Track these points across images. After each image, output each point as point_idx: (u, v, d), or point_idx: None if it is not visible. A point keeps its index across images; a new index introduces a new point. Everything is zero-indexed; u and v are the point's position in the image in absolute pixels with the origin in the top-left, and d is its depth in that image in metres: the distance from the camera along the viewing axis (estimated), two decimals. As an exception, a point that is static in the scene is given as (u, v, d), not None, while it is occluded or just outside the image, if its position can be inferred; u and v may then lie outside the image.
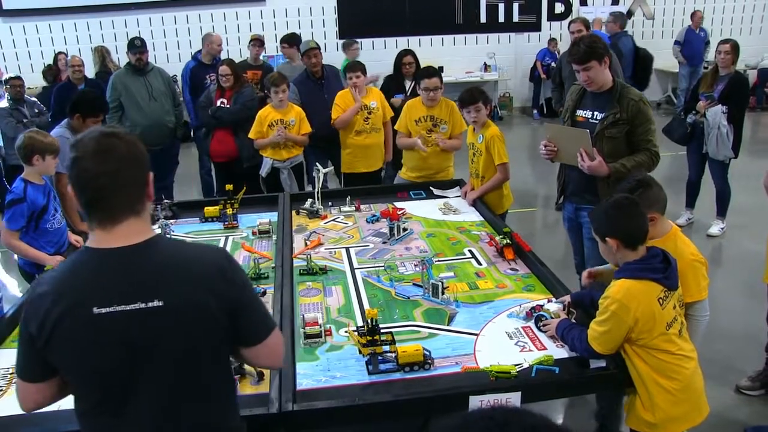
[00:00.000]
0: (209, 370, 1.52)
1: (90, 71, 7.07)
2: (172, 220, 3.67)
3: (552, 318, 2.37)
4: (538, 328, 2.38)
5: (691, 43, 9.67)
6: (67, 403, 2.02)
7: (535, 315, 2.43)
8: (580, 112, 3.28)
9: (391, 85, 5.49)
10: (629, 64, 6.81)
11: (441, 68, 10.04)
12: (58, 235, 3.31)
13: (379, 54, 9.04)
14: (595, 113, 3.18)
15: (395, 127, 4.49)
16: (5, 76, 6.70)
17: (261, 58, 6.51)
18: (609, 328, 2.04)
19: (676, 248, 2.24)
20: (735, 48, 4.90)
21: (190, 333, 1.44)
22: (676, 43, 9.74)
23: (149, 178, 1.49)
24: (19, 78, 6.03)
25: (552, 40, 10.02)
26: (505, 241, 3.07)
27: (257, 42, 6.38)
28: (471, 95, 3.76)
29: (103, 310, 1.38)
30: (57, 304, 1.38)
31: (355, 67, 4.73)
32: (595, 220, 2.22)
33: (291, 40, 6.31)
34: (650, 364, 2.06)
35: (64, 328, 1.38)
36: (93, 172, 1.39)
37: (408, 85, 5.43)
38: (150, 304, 1.40)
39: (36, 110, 6.01)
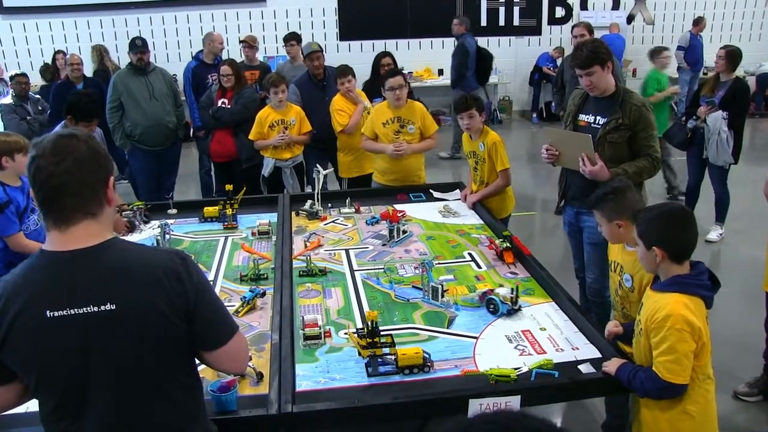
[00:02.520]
0: (167, 375, 1.50)
1: (90, 70, 7.06)
2: (171, 220, 3.66)
3: (501, 302, 2.48)
4: (490, 312, 2.52)
5: (695, 49, 9.69)
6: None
7: (487, 299, 2.53)
8: (582, 117, 3.28)
9: (371, 89, 5.33)
10: (473, 62, 7.77)
11: (441, 71, 10.09)
12: (34, 237, 3.19)
13: (367, 56, 8.96)
14: (598, 118, 3.18)
15: (362, 131, 4.42)
16: (7, 74, 6.71)
17: (261, 58, 6.50)
18: (680, 352, 1.88)
19: None
20: (730, 54, 4.90)
21: (144, 337, 1.43)
22: (680, 48, 9.74)
23: (109, 182, 1.48)
24: (24, 75, 6.06)
25: (557, 48, 10.02)
26: (504, 245, 3.07)
27: (246, 44, 6.36)
28: (464, 101, 3.73)
29: (56, 313, 1.37)
30: (10, 307, 1.38)
31: (345, 71, 4.67)
32: (643, 225, 2.06)
33: (297, 39, 6.27)
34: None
35: (17, 331, 1.38)
36: (48, 172, 1.39)
37: None
38: (102, 308, 1.38)
39: (39, 107, 6.02)
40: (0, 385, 1.48)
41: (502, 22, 10.18)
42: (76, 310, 1.38)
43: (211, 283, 2.80)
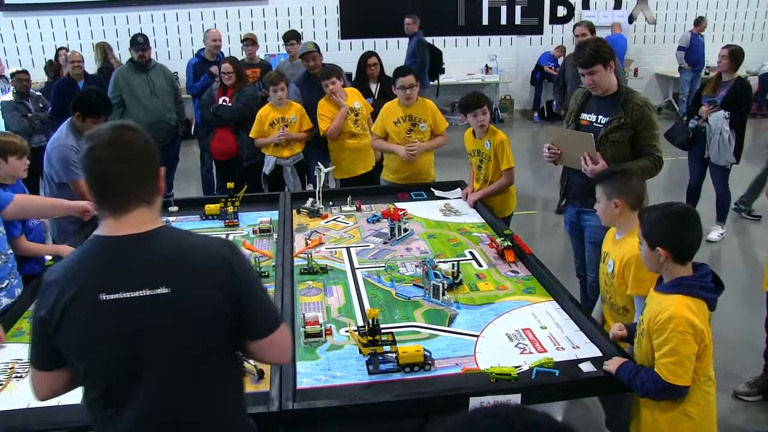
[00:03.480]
0: (214, 362, 1.51)
1: (91, 67, 7.06)
2: (172, 218, 3.66)
3: (442, 276, 2.59)
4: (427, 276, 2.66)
5: (696, 49, 9.67)
6: (67, 398, 2.04)
7: (428, 269, 2.66)
8: (584, 116, 3.28)
9: (360, 90, 5.21)
10: (428, 61, 8.05)
11: (442, 69, 10.07)
12: (39, 232, 3.20)
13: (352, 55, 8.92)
14: (600, 117, 3.17)
15: (371, 129, 4.42)
16: (8, 71, 6.70)
17: (262, 56, 6.49)
18: (682, 354, 1.88)
19: (635, 244, 2.21)
20: (732, 54, 4.90)
21: (196, 321, 1.45)
22: (681, 48, 9.73)
23: (160, 172, 1.52)
24: (25, 72, 6.04)
25: (559, 47, 10.02)
26: (506, 244, 3.07)
27: (249, 41, 6.36)
28: (477, 98, 3.72)
29: (109, 297, 1.39)
30: (65, 291, 1.40)
31: (329, 73, 4.61)
32: (647, 224, 2.05)
33: (296, 38, 6.26)
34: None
35: (71, 315, 1.40)
36: (107, 161, 1.43)
37: (374, 87, 5.33)
38: (157, 291, 1.41)
39: (41, 105, 6.02)
40: (52, 369, 1.50)
41: (503, 21, 10.16)
42: (130, 293, 1.40)
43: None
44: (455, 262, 2.81)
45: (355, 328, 2.32)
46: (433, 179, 4.37)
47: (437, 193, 4.15)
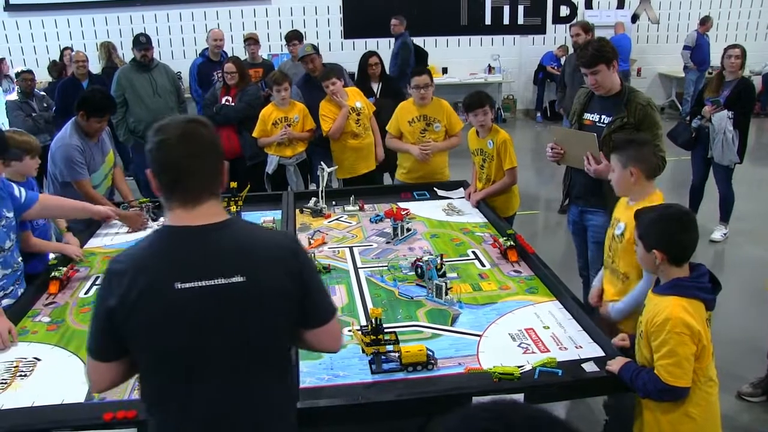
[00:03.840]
0: (276, 355, 1.56)
1: (96, 67, 7.08)
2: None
3: (433, 267, 2.62)
4: (417, 275, 2.78)
5: (702, 49, 9.65)
6: (71, 396, 2.05)
7: (416, 265, 2.78)
8: (587, 116, 3.28)
9: (362, 89, 5.23)
10: (413, 61, 7.97)
11: (445, 69, 10.09)
12: (46, 230, 3.22)
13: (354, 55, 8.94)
14: (603, 117, 3.17)
15: (386, 128, 4.42)
16: (14, 70, 6.73)
17: (265, 56, 6.51)
18: (680, 356, 1.87)
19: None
20: (744, 53, 4.92)
21: (268, 310, 1.49)
22: (686, 48, 9.70)
23: (224, 165, 1.56)
24: (30, 72, 6.07)
25: (562, 47, 10.01)
26: (508, 243, 3.07)
27: (251, 41, 6.37)
28: (479, 98, 3.73)
29: (185, 285, 1.41)
30: (138, 280, 1.41)
31: (329, 74, 4.61)
32: (643, 226, 2.06)
33: (299, 38, 6.26)
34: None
35: (145, 304, 1.41)
36: (180, 155, 1.45)
37: (376, 87, 5.33)
38: (232, 280, 1.44)
39: (45, 104, 6.04)
40: (114, 359, 1.49)
41: (506, 21, 10.17)
42: (206, 282, 1.42)
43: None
44: (438, 255, 2.87)
45: (358, 328, 2.33)
46: (448, 179, 4.37)
47: (440, 192, 4.16)
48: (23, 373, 2.20)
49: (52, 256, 3.10)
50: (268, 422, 1.56)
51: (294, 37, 6.10)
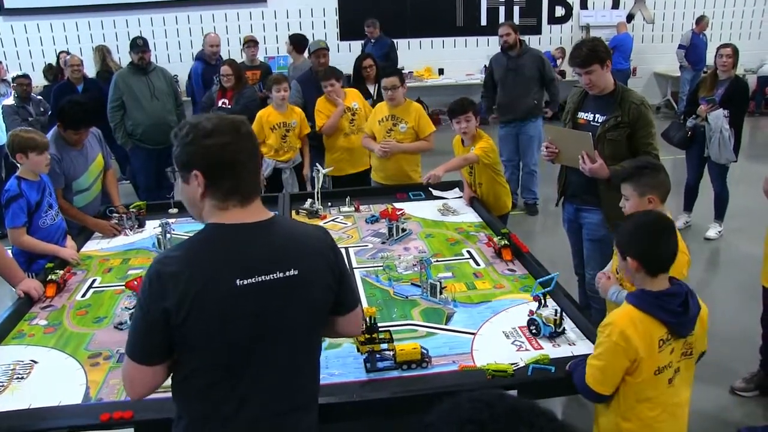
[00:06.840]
0: (315, 344, 1.64)
1: (91, 71, 7.09)
2: (172, 219, 3.67)
3: (544, 323, 2.33)
4: (532, 333, 2.37)
5: (697, 48, 9.66)
6: (68, 398, 2.06)
7: (529, 320, 2.40)
8: (581, 115, 3.30)
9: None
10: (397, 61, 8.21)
11: (441, 70, 10.11)
12: (51, 232, 3.22)
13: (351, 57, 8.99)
14: (597, 116, 3.19)
15: (364, 128, 4.50)
16: (9, 75, 6.74)
17: (261, 58, 6.54)
18: (606, 363, 1.85)
19: None
20: (736, 52, 4.94)
21: (316, 301, 1.56)
22: (681, 47, 9.72)
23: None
24: (26, 76, 6.08)
25: (558, 48, 10.03)
26: (503, 242, 3.10)
27: (251, 43, 6.41)
28: (461, 104, 3.73)
29: (246, 281, 1.44)
30: (195, 280, 1.40)
31: (328, 75, 4.64)
32: (619, 235, 2.01)
33: (300, 42, 6.25)
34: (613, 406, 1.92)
35: (204, 302, 1.40)
36: (242, 153, 1.48)
37: (372, 89, 5.35)
38: (287, 273, 1.49)
39: (42, 108, 6.05)
40: (160, 363, 1.45)
41: (502, 21, 10.18)
42: (264, 276, 1.46)
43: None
44: (558, 309, 2.41)
45: (353, 327, 2.34)
46: (418, 180, 4.33)
47: (435, 192, 4.18)
48: (20, 376, 2.21)
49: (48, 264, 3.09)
50: (308, 402, 1.64)
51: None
